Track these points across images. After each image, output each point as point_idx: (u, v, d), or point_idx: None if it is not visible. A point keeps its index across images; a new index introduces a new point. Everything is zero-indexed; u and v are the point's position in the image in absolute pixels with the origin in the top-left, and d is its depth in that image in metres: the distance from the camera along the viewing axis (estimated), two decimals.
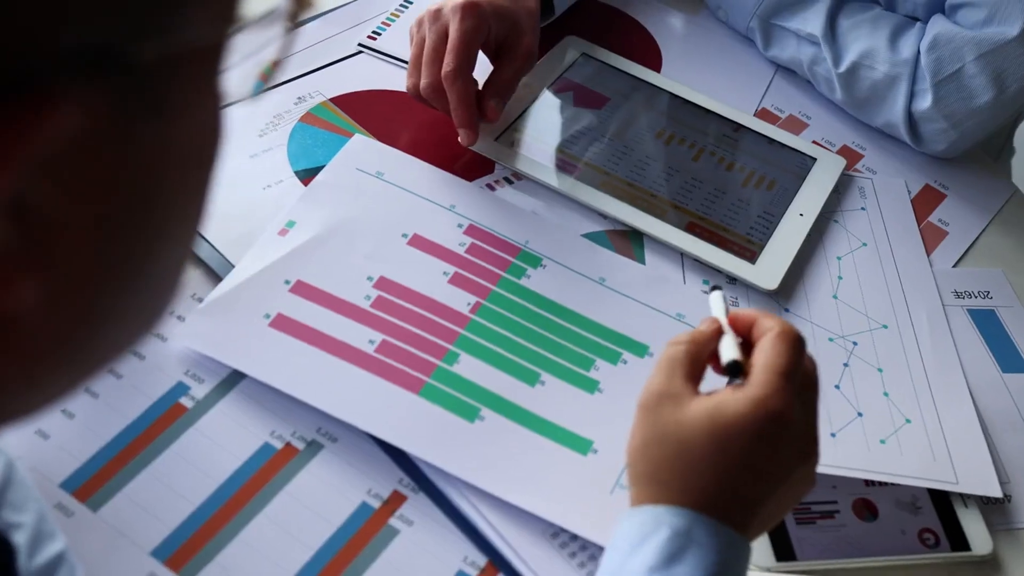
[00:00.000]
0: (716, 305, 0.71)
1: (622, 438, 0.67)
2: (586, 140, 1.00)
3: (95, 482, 0.73)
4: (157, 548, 0.71)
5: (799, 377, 0.64)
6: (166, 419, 0.77)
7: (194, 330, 0.80)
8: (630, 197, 0.95)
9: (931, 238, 1.01)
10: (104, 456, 0.74)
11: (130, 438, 0.76)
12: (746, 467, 0.61)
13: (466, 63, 0.91)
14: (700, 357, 0.67)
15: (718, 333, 0.68)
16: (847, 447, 0.82)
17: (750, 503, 0.62)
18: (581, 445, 0.78)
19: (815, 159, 1.04)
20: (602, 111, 1.03)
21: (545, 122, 1.01)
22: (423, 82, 0.92)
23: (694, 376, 0.66)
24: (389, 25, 1.09)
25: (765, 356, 0.64)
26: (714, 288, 0.72)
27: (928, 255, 0.99)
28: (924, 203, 1.04)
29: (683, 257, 0.93)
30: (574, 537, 0.74)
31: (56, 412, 0.76)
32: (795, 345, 0.65)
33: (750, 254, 0.93)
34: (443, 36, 0.92)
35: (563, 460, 0.77)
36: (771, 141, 1.04)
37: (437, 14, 0.93)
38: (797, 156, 1.04)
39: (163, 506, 0.73)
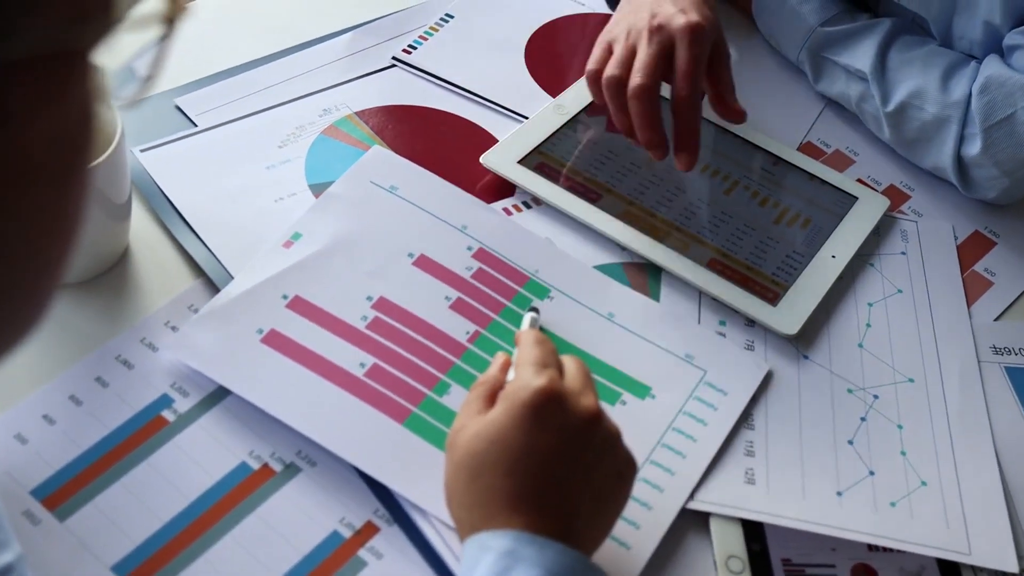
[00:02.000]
0: (525, 326, 0.81)
1: None
2: (613, 167, 0.97)
3: (66, 491, 0.72)
4: (119, 563, 0.69)
5: (553, 361, 0.69)
6: (146, 431, 0.76)
7: (184, 342, 0.79)
8: (651, 229, 0.92)
9: (974, 288, 0.95)
10: (78, 465, 0.74)
11: (107, 448, 0.75)
12: (532, 453, 0.63)
13: (700, 89, 0.91)
14: (491, 391, 0.69)
15: (507, 366, 0.73)
16: (853, 507, 0.78)
17: (560, 503, 0.63)
18: None
19: (856, 198, 0.99)
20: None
21: (573, 146, 0.98)
22: (639, 80, 0.89)
23: (485, 408, 0.68)
24: (426, 39, 1.07)
25: (515, 360, 0.70)
26: (531, 309, 0.82)
27: (969, 306, 0.93)
28: (971, 250, 0.99)
29: (700, 295, 0.89)
30: None
31: (38, 416, 0.75)
32: (537, 343, 0.70)
33: (772, 296, 0.89)
34: (666, 50, 0.91)
35: None
36: (811, 177, 1.00)
37: (660, 28, 0.91)
38: (838, 194, 0.99)
39: (131, 520, 0.71)
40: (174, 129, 0.95)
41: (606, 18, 1.14)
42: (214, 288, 0.84)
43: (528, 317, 0.82)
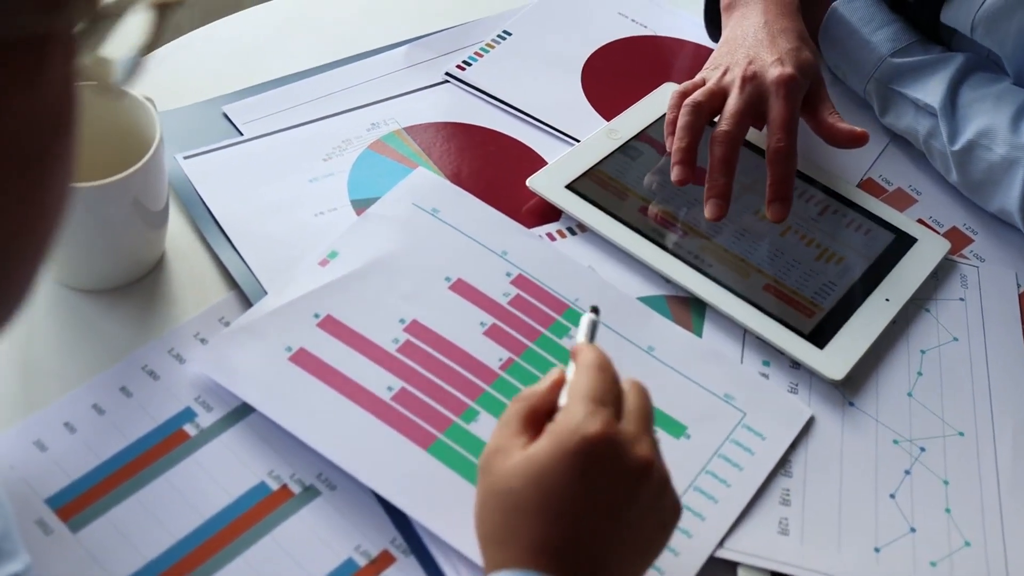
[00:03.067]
0: (581, 332, 0.71)
1: None
2: (663, 195, 0.94)
3: (81, 502, 0.71)
4: None
5: (612, 398, 0.63)
6: (166, 445, 0.75)
7: (212, 355, 0.78)
8: (698, 262, 0.89)
9: None
10: (96, 476, 0.72)
11: (126, 460, 0.74)
12: (572, 502, 0.59)
13: (795, 140, 0.91)
14: (536, 411, 0.65)
15: (559, 384, 0.66)
16: (891, 565, 0.75)
17: (592, 557, 0.60)
18: None
19: (916, 239, 0.95)
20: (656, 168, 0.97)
21: (622, 172, 0.95)
22: (725, 127, 0.91)
23: (527, 431, 0.63)
24: (481, 56, 1.05)
25: (570, 388, 0.64)
26: (592, 310, 0.72)
27: None
28: None
29: (745, 334, 0.86)
30: None
31: (59, 424, 0.74)
32: (598, 369, 0.64)
33: (821, 338, 0.86)
34: (756, 101, 0.92)
35: None
36: (870, 216, 0.97)
37: (754, 77, 0.93)
38: (896, 234, 0.95)
39: (144, 536, 0.70)
40: (219, 137, 0.94)
41: (669, 41, 1.13)
42: (247, 302, 0.82)
43: (586, 320, 0.71)
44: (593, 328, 0.71)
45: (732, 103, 0.92)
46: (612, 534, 0.60)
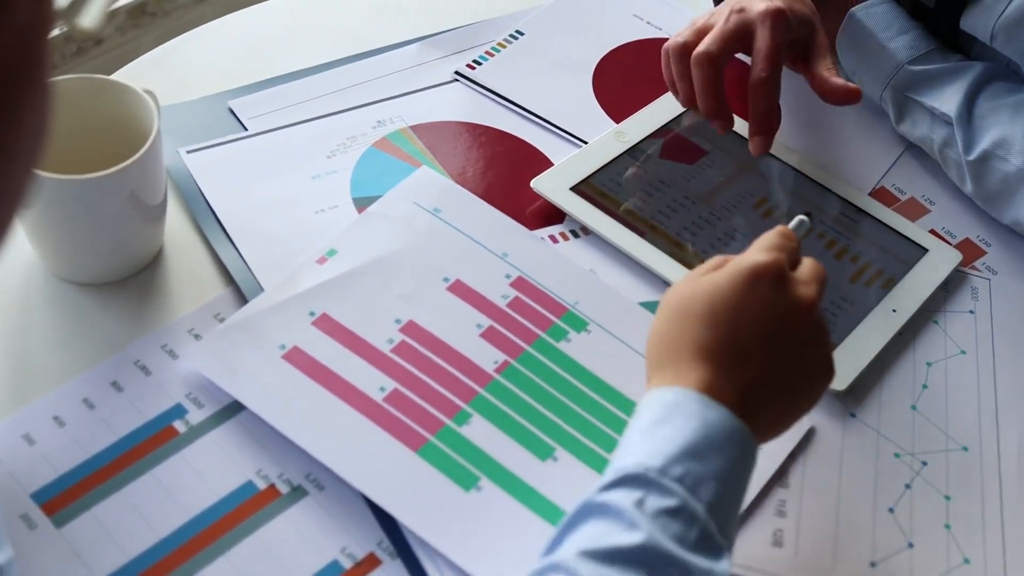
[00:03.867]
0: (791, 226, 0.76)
1: None
2: (669, 199, 0.93)
3: (66, 497, 0.71)
4: None
5: (790, 255, 0.70)
6: (155, 441, 0.74)
7: (204, 352, 0.77)
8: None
9: None
10: (82, 471, 0.72)
11: (113, 456, 0.73)
12: (735, 311, 0.65)
13: (778, 72, 0.93)
14: (726, 260, 0.70)
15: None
16: None
17: (745, 372, 0.64)
18: None
19: (926, 250, 0.94)
20: (693, 167, 0.96)
21: (630, 176, 0.94)
22: (704, 47, 0.92)
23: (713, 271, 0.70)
24: (492, 56, 1.04)
25: (754, 243, 0.71)
26: (806, 214, 0.80)
27: None
28: None
29: None
30: None
31: (49, 418, 0.74)
32: (783, 235, 0.71)
33: None
34: (741, 29, 0.93)
35: None
36: (880, 225, 0.95)
37: (740, 11, 0.94)
38: (906, 244, 0.94)
39: (128, 533, 0.70)
40: (224, 132, 0.94)
41: None
42: (243, 299, 0.82)
43: (798, 219, 0.79)
44: (802, 229, 0.78)
45: (715, 30, 0.93)
46: (766, 355, 0.65)
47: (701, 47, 0.92)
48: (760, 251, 0.68)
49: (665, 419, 0.62)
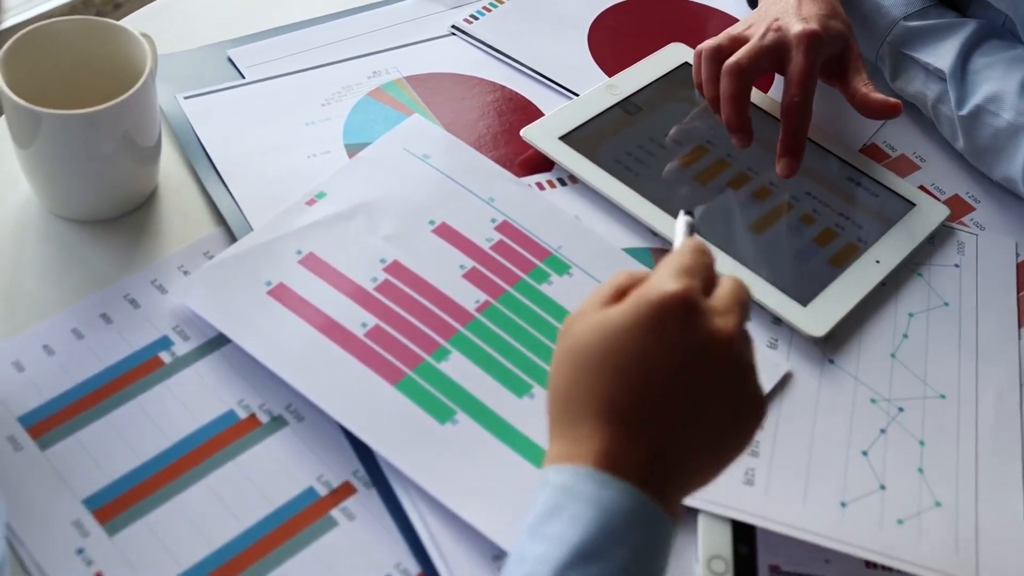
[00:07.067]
0: (678, 233, 0.66)
1: None
2: (659, 150, 0.94)
3: (51, 421, 0.73)
4: (91, 496, 0.70)
5: (701, 275, 0.59)
6: (141, 370, 0.76)
7: (192, 286, 0.79)
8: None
9: None
10: (69, 397, 0.74)
11: (100, 383, 0.75)
12: (642, 358, 0.55)
13: (810, 96, 0.91)
14: (630, 286, 0.60)
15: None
16: (857, 520, 0.74)
17: (653, 428, 0.55)
18: None
19: (914, 205, 0.94)
20: (686, 121, 0.97)
21: (619, 127, 0.95)
22: (736, 59, 0.91)
23: (614, 300, 0.59)
24: (490, 11, 1.06)
25: (661, 262, 0.60)
26: (687, 213, 0.68)
27: (1020, 327, 0.88)
28: None
29: None
30: None
31: (39, 346, 0.76)
32: (694, 250, 0.60)
33: (805, 295, 0.85)
34: (776, 47, 0.92)
35: (530, 481, 0.72)
36: (868, 179, 0.95)
37: (778, 29, 0.93)
38: (893, 199, 0.94)
39: (111, 456, 0.72)
40: (223, 80, 0.95)
41: (677, 2, 1.12)
42: (233, 238, 0.84)
43: (682, 221, 0.67)
44: (689, 229, 0.67)
45: (751, 43, 0.92)
46: (677, 406, 0.56)
47: (734, 58, 0.91)
48: (668, 277, 0.57)
49: (556, 510, 0.53)
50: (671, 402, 0.56)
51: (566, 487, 0.53)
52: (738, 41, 0.94)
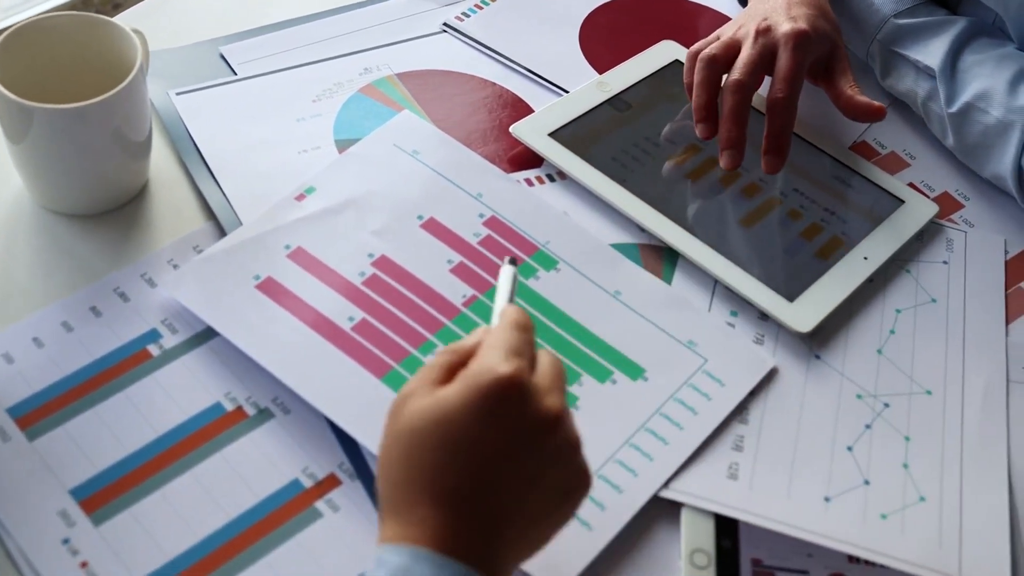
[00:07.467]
0: (503, 284, 0.67)
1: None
2: (649, 147, 0.94)
3: (40, 412, 0.73)
4: (77, 487, 0.70)
5: (527, 353, 0.61)
6: (129, 363, 0.77)
7: (181, 280, 0.80)
8: (676, 212, 0.89)
9: (1017, 306, 0.90)
10: (58, 389, 0.75)
11: (88, 375, 0.76)
12: (474, 443, 0.57)
13: (796, 93, 0.92)
14: (458, 364, 0.61)
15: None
16: (840, 515, 0.74)
17: (487, 511, 0.57)
18: None
19: (903, 202, 0.94)
20: (677, 119, 0.97)
21: (609, 124, 0.96)
22: (737, 76, 0.91)
23: (443, 380, 0.60)
24: (481, 8, 1.06)
25: (486, 341, 0.61)
26: (510, 262, 0.68)
27: (1008, 323, 0.88)
28: (1022, 266, 0.93)
29: (716, 285, 0.86)
30: None
31: (28, 338, 0.76)
32: (517, 327, 0.62)
33: (792, 291, 0.85)
34: (767, 53, 0.93)
35: None
36: (858, 176, 0.96)
37: (766, 32, 0.93)
38: (883, 196, 0.95)
39: (97, 447, 0.72)
40: (215, 77, 0.96)
41: (668, 0, 1.12)
42: (222, 233, 0.84)
43: (507, 274, 0.68)
44: (514, 282, 0.68)
45: (745, 53, 0.92)
46: (510, 487, 0.58)
47: (734, 75, 0.91)
48: (498, 359, 0.58)
49: None
50: (506, 482, 0.57)
51: (405, 568, 0.54)
52: (731, 48, 0.94)
